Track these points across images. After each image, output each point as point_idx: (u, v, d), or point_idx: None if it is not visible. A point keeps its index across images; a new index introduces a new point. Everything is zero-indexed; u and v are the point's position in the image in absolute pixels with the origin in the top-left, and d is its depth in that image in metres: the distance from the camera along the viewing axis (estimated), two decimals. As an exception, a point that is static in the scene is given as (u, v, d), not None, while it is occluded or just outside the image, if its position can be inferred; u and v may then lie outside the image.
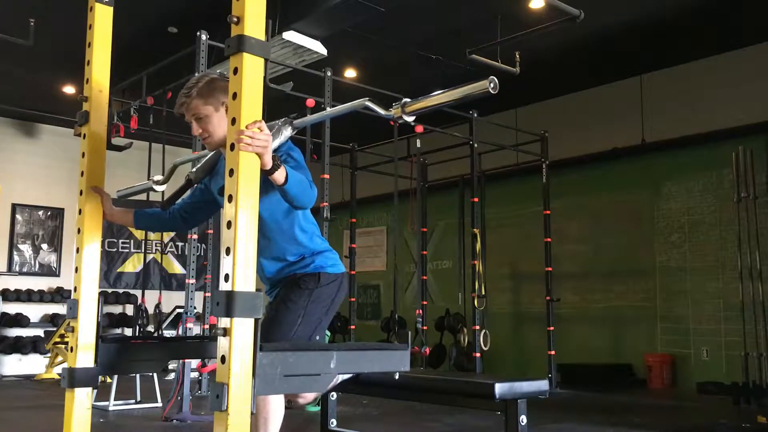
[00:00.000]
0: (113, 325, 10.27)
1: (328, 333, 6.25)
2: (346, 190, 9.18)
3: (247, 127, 1.87)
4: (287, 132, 2.35)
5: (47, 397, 7.24)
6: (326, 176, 6.44)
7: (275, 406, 2.41)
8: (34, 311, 9.96)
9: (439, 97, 2.08)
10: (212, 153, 2.68)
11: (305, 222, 2.58)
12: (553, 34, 6.91)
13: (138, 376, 6.41)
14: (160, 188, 3.12)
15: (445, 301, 9.74)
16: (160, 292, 7.53)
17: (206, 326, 6.26)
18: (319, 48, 6.54)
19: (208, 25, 6.00)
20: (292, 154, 2.42)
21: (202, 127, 2.47)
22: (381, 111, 2.27)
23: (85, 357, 2.34)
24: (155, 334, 7.85)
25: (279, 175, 2.07)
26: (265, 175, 2.02)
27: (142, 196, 7.39)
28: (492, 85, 2.05)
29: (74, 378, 2.32)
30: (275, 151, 2.25)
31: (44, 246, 10.43)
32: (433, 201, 9.44)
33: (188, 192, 2.80)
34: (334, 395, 3.39)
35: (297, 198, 2.21)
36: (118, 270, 10.67)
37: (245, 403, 1.78)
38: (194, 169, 2.67)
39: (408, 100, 2.16)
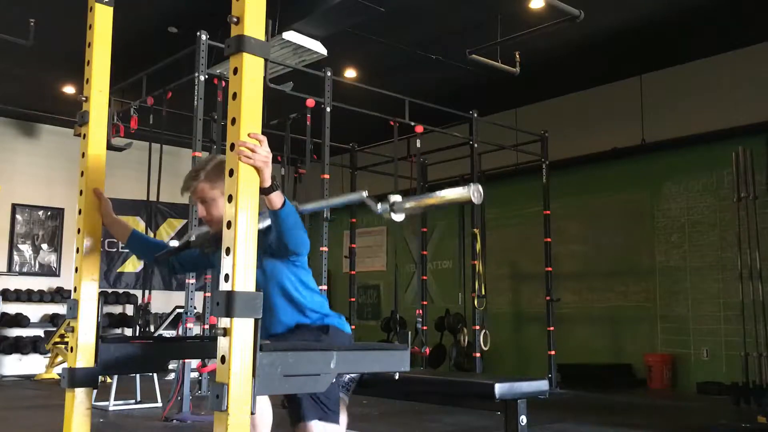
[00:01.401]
0: (113, 325, 10.27)
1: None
2: (346, 190, 9.18)
3: (249, 135, 1.87)
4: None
5: (47, 397, 7.24)
6: (326, 176, 6.43)
7: (261, 410, 2.37)
8: (34, 311, 9.96)
9: (423, 202, 2.18)
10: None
11: (307, 289, 2.51)
12: (553, 34, 6.91)
13: (138, 376, 6.42)
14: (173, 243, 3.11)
15: (445, 301, 9.74)
16: (150, 293, 7.49)
17: (206, 326, 6.26)
18: (319, 48, 6.54)
19: (208, 25, 6.00)
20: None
21: (207, 210, 2.45)
22: (374, 207, 2.33)
23: (85, 357, 2.34)
24: (155, 335, 7.85)
25: (276, 198, 2.06)
26: (262, 194, 2.01)
27: (142, 196, 7.39)
28: (476, 195, 2.17)
29: (74, 378, 2.31)
30: (268, 230, 2.27)
31: (44, 246, 10.43)
32: (433, 201, 9.42)
33: (185, 252, 2.74)
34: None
35: (290, 233, 2.19)
36: (118, 270, 10.67)
37: (245, 403, 1.78)
38: (196, 236, 2.65)
39: (398, 199, 2.23)
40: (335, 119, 6.59)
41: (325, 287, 6.45)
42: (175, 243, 2.85)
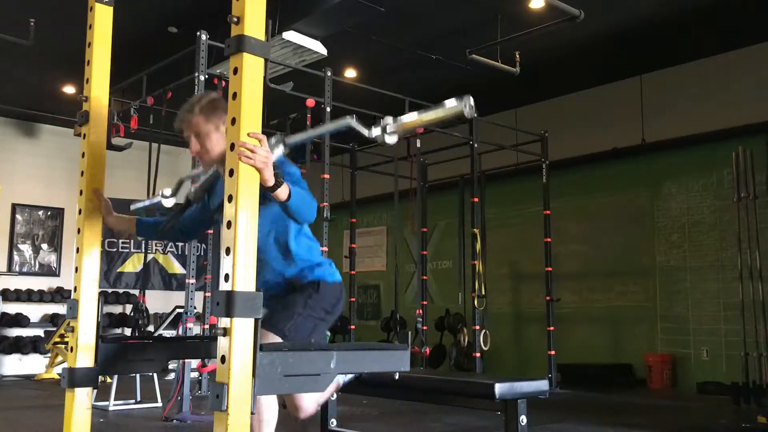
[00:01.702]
0: (113, 325, 10.27)
1: (328, 333, 6.27)
2: (346, 190, 9.18)
3: (248, 135, 1.87)
4: (278, 150, 2.34)
5: (47, 397, 7.24)
6: (326, 176, 6.43)
7: (269, 407, 2.39)
8: (34, 311, 9.96)
9: (415, 121, 2.11)
10: (210, 173, 2.68)
11: (302, 236, 2.56)
12: (553, 34, 6.91)
13: (138, 376, 6.41)
14: (169, 203, 3.14)
15: (445, 301, 9.74)
16: (143, 293, 7.49)
17: (206, 326, 6.26)
18: (319, 48, 6.53)
19: (208, 25, 6.00)
20: (287, 170, 2.41)
21: (201, 143, 2.47)
22: (364, 131, 2.29)
23: (85, 357, 2.34)
24: (155, 335, 7.84)
25: (282, 192, 2.08)
26: (268, 192, 2.02)
27: (142, 196, 7.39)
28: (468, 108, 2.04)
29: (74, 378, 2.32)
30: None
31: (44, 246, 10.43)
32: (433, 201, 9.44)
33: (188, 210, 2.81)
34: (334, 395, 3.39)
35: (299, 213, 2.22)
36: (118, 270, 10.65)
37: (245, 403, 1.78)
38: (193, 190, 2.69)
39: (390, 121, 2.18)
40: (335, 119, 6.58)
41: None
42: (168, 198, 2.86)
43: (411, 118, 2.12)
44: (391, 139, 2.20)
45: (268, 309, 2.51)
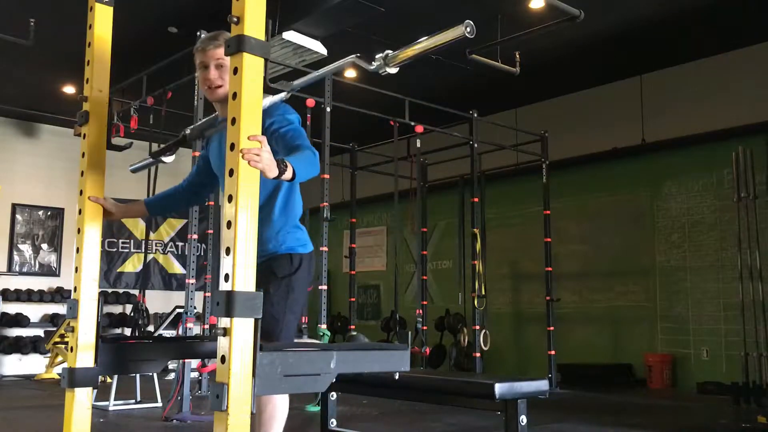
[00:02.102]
0: (113, 325, 10.27)
1: (328, 333, 6.27)
2: (346, 190, 9.18)
3: (249, 138, 1.87)
4: (281, 94, 2.34)
5: (47, 397, 7.24)
6: (326, 176, 6.43)
7: (280, 403, 2.41)
8: (34, 311, 9.96)
9: (417, 47, 2.06)
10: (208, 118, 2.71)
11: (289, 204, 2.58)
12: (553, 34, 6.91)
13: (138, 376, 6.41)
14: (168, 159, 3.16)
15: (445, 301, 9.74)
16: (143, 293, 7.48)
17: (206, 326, 6.26)
18: (319, 48, 6.53)
19: (208, 25, 5.97)
20: (288, 116, 2.45)
21: (221, 74, 2.52)
22: (368, 66, 2.27)
23: (85, 357, 2.34)
24: (155, 335, 7.85)
25: (287, 176, 2.04)
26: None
27: (142, 195, 7.38)
28: (468, 29, 2.03)
29: (74, 378, 2.32)
30: (268, 115, 2.31)
31: (44, 246, 10.43)
32: (433, 201, 9.44)
33: (193, 168, 2.87)
34: (334, 395, 3.39)
35: (304, 178, 2.20)
36: (118, 270, 10.67)
37: (245, 403, 1.78)
38: (191, 127, 2.72)
39: (390, 52, 2.16)
40: (335, 119, 6.59)
41: (324, 287, 6.45)
42: (168, 156, 2.89)
43: (412, 46, 2.10)
44: (393, 70, 2.19)
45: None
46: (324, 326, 6.20)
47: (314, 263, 2.68)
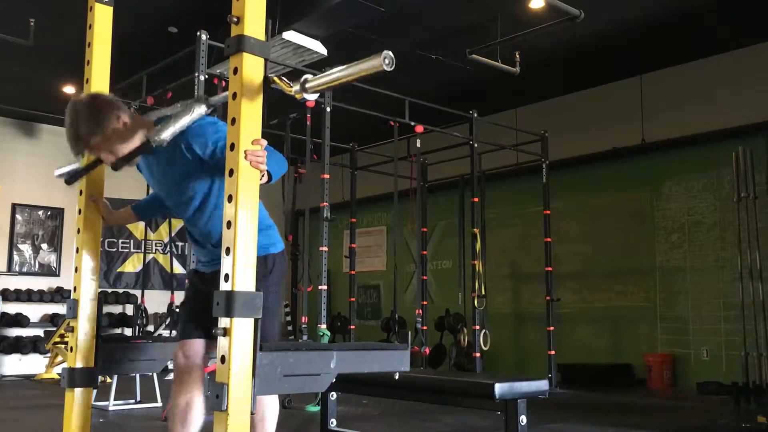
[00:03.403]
0: (113, 325, 10.27)
1: (327, 333, 6.27)
2: (346, 190, 9.18)
3: (252, 142, 1.87)
4: (200, 109, 2.27)
5: (47, 397, 7.24)
6: (326, 176, 6.43)
7: (270, 404, 2.40)
8: (34, 311, 9.96)
9: (332, 77, 2.04)
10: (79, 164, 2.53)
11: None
12: (553, 34, 6.91)
13: (138, 376, 6.41)
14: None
15: (445, 301, 9.74)
16: (143, 293, 7.46)
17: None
18: (319, 48, 6.53)
19: (208, 25, 6.00)
20: (217, 125, 2.34)
21: (112, 151, 2.29)
22: (285, 89, 2.21)
23: (85, 357, 2.34)
24: (155, 334, 7.85)
25: (265, 178, 2.05)
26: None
27: (141, 195, 7.38)
28: (387, 61, 2.02)
29: (74, 378, 2.32)
30: (186, 131, 2.23)
31: (44, 246, 10.43)
32: (433, 201, 9.44)
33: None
34: (334, 395, 3.39)
35: (278, 176, 2.18)
36: (118, 270, 10.67)
37: (245, 403, 1.78)
38: (65, 171, 2.53)
39: (309, 77, 2.11)
40: (335, 119, 6.59)
41: (325, 287, 6.44)
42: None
43: (328, 75, 2.06)
44: (311, 97, 2.15)
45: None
46: (324, 326, 6.19)
47: (286, 261, 2.62)
